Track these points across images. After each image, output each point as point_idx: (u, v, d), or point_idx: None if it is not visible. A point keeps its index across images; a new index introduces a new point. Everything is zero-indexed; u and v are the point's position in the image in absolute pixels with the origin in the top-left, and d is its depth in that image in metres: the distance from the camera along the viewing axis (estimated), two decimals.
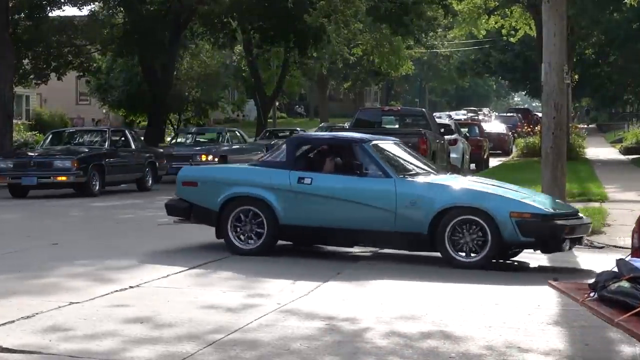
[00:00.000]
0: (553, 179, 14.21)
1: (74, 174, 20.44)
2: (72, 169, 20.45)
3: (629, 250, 11.76)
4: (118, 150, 22.67)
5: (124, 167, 22.61)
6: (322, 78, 67.16)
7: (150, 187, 23.05)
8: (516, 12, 42.31)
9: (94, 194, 20.77)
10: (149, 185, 23.14)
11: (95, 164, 21.17)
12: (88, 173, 20.74)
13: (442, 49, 77.69)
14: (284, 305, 7.80)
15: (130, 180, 23.00)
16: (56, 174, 20.58)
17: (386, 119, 23.05)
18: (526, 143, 38.69)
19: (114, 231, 13.98)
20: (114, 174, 21.99)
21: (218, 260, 10.42)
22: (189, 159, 25.52)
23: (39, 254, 11.02)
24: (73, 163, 20.55)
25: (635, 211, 15.86)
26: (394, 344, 6.49)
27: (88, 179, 20.78)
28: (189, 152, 26.44)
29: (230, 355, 6.11)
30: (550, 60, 14.14)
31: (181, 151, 26.72)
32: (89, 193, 20.68)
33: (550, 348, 6.40)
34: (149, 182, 23.24)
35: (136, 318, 7.22)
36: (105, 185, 21.61)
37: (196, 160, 25.54)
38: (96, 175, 21.15)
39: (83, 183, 20.69)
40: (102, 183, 21.39)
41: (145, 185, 23.01)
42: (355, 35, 45.96)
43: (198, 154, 26.13)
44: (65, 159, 20.84)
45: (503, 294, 8.52)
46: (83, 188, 20.81)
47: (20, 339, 6.49)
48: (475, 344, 6.46)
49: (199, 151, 26.53)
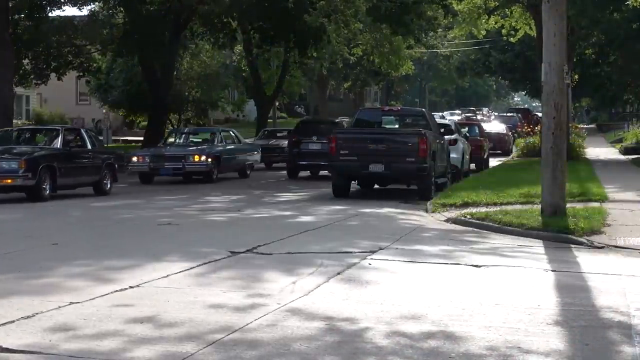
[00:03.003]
0: (553, 178, 14.23)
1: (22, 176, 18.52)
2: (19, 171, 18.55)
3: (629, 250, 11.82)
4: (72, 150, 20.88)
5: (79, 170, 20.83)
6: (322, 78, 67.18)
7: (109, 190, 21.64)
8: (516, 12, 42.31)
9: (44, 199, 19.03)
10: (108, 189, 21.64)
11: (45, 165, 19.22)
12: (38, 175, 18.80)
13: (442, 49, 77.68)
14: (284, 305, 7.80)
15: (87, 184, 21.33)
16: (1, 176, 18.61)
17: (386, 119, 23.05)
18: (526, 143, 38.75)
19: (113, 231, 13.98)
20: (67, 177, 20.13)
21: (218, 260, 10.43)
22: (182, 160, 25.45)
23: (39, 254, 11.01)
24: (20, 164, 18.66)
25: (635, 211, 15.92)
26: (394, 344, 6.49)
27: (38, 182, 18.85)
28: (182, 153, 26.07)
29: (230, 355, 6.11)
30: (550, 60, 14.15)
31: (173, 152, 26.34)
32: (38, 197, 18.81)
33: (550, 348, 6.40)
34: (107, 185, 21.69)
35: (136, 318, 7.22)
36: (57, 189, 19.74)
37: (189, 161, 25.42)
38: (47, 178, 19.25)
39: (32, 186, 18.74)
40: (53, 186, 19.52)
41: (103, 188, 21.42)
42: (355, 35, 45.96)
43: (191, 155, 25.78)
44: (12, 159, 18.89)
45: (503, 294, 8.53)
46: (32, 192, 18.87)
47: (21, 339, 6.49)
48: (475, 344, 6.46)
49: (191, 152, 26.14)
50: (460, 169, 26.33)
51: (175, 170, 25.61)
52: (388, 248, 11.77)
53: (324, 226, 14.60)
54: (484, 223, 14.62)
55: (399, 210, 17.59)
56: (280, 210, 17.52)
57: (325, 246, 11.80)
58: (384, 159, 20.10)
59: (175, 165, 25.47)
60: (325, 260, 10.47)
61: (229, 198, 20.79)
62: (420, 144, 20.03)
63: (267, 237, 12.51)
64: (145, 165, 25.62)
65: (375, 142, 20.42)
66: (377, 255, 11.10)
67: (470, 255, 11.26)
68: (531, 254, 11.64)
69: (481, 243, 12.67)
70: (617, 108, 73.14)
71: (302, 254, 11.11)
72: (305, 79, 63.32)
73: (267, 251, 11.25)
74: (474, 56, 68.47)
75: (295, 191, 23.45)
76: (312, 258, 10.66)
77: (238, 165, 28.58)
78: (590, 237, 12.83)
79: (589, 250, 12.01)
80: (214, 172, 25.89)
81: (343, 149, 20.43)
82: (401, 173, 20.57)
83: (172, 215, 16.33)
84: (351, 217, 16.20)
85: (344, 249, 11.57)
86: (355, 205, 18.31)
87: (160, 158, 25.75)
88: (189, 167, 25.58)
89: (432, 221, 15.85)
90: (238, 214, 16.80)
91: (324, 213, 16.96)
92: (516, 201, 17.32)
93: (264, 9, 34.94)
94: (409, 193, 20.95)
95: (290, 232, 13.40)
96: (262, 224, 15.08)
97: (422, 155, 19.97)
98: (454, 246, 12.19)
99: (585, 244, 12.45)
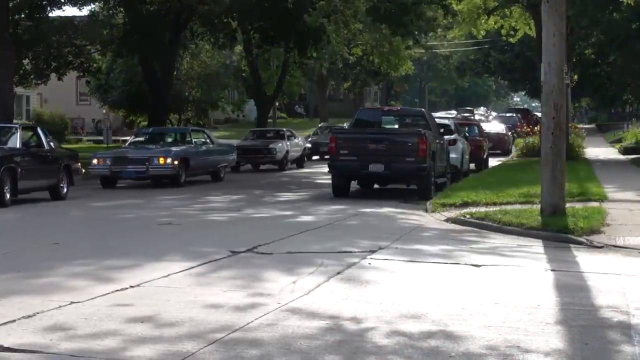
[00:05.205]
0: (552, 178, 14.23)
1: None
2: None
3: (628, 249, 11.82)
4: (31, 150, 19.05)
5: (39, 172, 18.90)
6: (322, 78, 67.24)
7: (66, 195, 19.92)
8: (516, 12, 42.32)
9: (5, 204, 17.20)
10: (64, 193, 19.86)
11: (7, 167, 17.51)
12: None
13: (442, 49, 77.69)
14: (285, 304, 7.80)
15: (43, 188, 19.43)
16: None
17: (386, 119, 23.08)
18: (525, 143, 38.77)
19: (114, 231, 13.98)
20: (27, 180, 18.28)
21: (218, 260, 10.43)
22: (145, 162, 23.70)
23: (39, 253, 11.01)
24: None
25: (635, 211, 15.93)
26: (394, 343, 6.50)
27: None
28: (146, 155, 24.07)
29: (231, 355, 6.11)
30: (549, 60, 14.15)
31: (136, 154, 24.37)
32: None
33: (550, 348, 6.41)
34: (64, 189, 19.88)
35: (137, 317, 7.22)
36: (18, 193, 18.09)
37: (153, 164, 23.68)
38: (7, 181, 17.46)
39: None
40: (14, 191, 17.74)
41: (59, 192, 19.63)
42: (355, 35, 46.01)
43: (155, 157, 23.92)
44: None
45: (503, 294, 8.53)
46: None
47: (22, 338, 6.49)
48: (475, 344, 6.47)
49: (156, 153, 24.18)
50: (459, 169, 26.34)
51: (138, 174, 23.89)
52: (388, 247, 11.78)
53: (324, 226, 14.61)
54: (484, 223, 14.63)
55: (399, 210, 17.60)
56: (281, 210, 17.53)
57: (325, 246, 11.81)
58: (383, 158, 20.12)
59: (138, 169, 23.72)
60: (326, 259, 10.47)
61: (229, 198, 20.80)
62: (420, 144, 20.04)
63: (267, 237, 12.51)
64: (106, 168, 23.77)
65: (375, 142, 20.43)
66: (377, 254, 11.10)
67: (469, 254, 11.27)
68: (531, 253, 11.65)
69: (481, 243, 12.68)
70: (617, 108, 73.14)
71: (303, 253, 11.11)
72: (305, 79, 63.41)
73: (268, 251, 11.25)
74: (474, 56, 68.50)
75: (296, 191, 23.47)
76: (312, 258, 10.66)
77: (210, 167, 26.74)
78: (589, 236, 12.83)
79: (589, 250, 12.01)
80: (182, 175, 24.15)
81: (343, 149, 20.46)
82: (401, 173, 20.59)
83: (173, 215, 16.34)
84: (351, 216, 16.21)
85: (344, 248, 11.58)
86: (355, 205, 18.32)
87: (122, 160, 23.89)
88: (153, 171, 23.75)
89: (432, 221, 15.85)
90: (238, 214, 16.81)
91: (324, 213, 16.97)
92: (516, 201, 17.33)
93: (264, 9, 34.96)
94: (409, 193, 20.96)
95: (290, 232, 13.41)
96: (262, 223, 15.09)
97: (421, 155, 19.99)
98: (453, 246, 12.19)
99: (585, 243, 12.45)
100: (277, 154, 33.52)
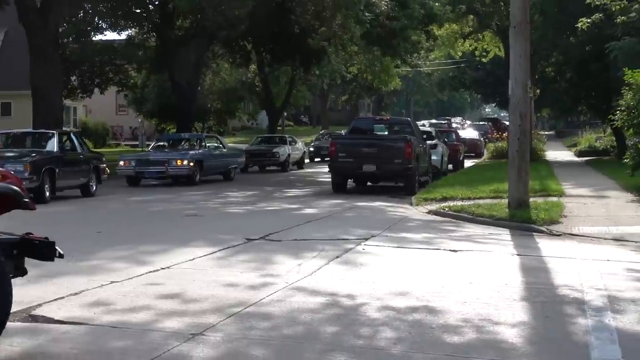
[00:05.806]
0: (518, 177, 14.22)
1: (28, 178, 16.45)
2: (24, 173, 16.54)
3: (582, 237, 11.80)
4: (66, 153, 19.20)
5: (73, 172, 18.95)
6: (323, 92, 67.21)
7: (95, 192, 19.77)
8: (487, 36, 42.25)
9: (45, 201, 17.04)
10: (94, 191, 19.75)
11: (47, 168, 17.59)
12: (41, 178, 17.23)
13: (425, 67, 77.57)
14: (292, 283, 7.79)
15: (76, 186, 19.38)
16: None
17: (377, 127, 23.09)
18: (495, 147, 38.72)
19: (147, 221, 13.97)
20: (63, 179, 18.34)
21: (235, 246, 10.43)
22: (165, 164, 23.75)
23: (85, 240, 11.01)
24: (26, 167, 16.97)
25: (588, 204, 15.90)
26: (384, 316, 6.49)
27: (40, 183, 17.17)
28: (165, 157, 24.14)
29: (246, 326, 6.11)
30: (516, 77, 14.14)
31: (157, 156, 24.40)
32: (40, 199, 16.47)
33: (516, 320, 6.40)
34: (94, 187, 19.81)
35: (167, 294, 7.21)
36: (55, 190, 18.06)
37: (172, 165, 23.75)
38: (47, 181, 17.55)
39: (34, 188, 16.46)
40: (52, 189, 17.81)
41: (89, 190, 19.56)
42: (351, 56, 46.01)
43: (173, 159, 24.03)
44: (17, 162, 17.05)
45: (476, 274, 8.52)
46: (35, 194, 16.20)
47: (70, 312, 6.49)
48: (453, 317, 6.46)
49: (174, 156, 24.34)
50: (439, 169, 26.33)
51: (159, 174, 23.85)
52: (379, 235, 11.76)
53: (324, 217, 14.60)
54: (460, 214, 14.61)
55: (388, 204, 17.58)
56: (288, 204, 17.51)
57: (326, 234, 11.79)
58: (375, 160, 20.15)
59: (158, 169, 23.73)
60: (326, 246, 10.46)
61: (245, 194, 20.77)
62: (406, 148, 20.09)
63: (277, 226, 12.50)
64: (131, 169, 23.80)
65: (368, 146, 20.46)
66: (370, 241, 11.09)
67: (448, 241, 11.25)
68: (499, 240, 11.63)
69: (457, 231, 12.66)
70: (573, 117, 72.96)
71: (307, 240, 11.09)
72: (309, 92, 63.25)
73: (277, 238, 11.24)
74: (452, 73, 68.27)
75: (301, 187, 23.47)
76: (315, 244, 10.65)
77: (221, 168, 26.45)
78: (549, 226, 12.81)
79: (549, 238, 12.00)
80: (196, 175, 24.02)
81: (341, 152, 20.52)
82: (390, 172, 20.60)
83: (197, 207, 16.32)
84: (348, 209, 16.19)
85: (342, 236, 11.57)
86: (351, 200, 18.31)
87: (145, 162, 23.98)
88: (172, 171, 23.78)
89: (416, 213, 15.84)
90: (253, 207, 16.79)
91: (325, 206, 16.95)
92: (487, 196, 17.31)
93: (274, 34, 35.05)
94: (397, 189, 20.96)
95: (296, 222, 13.39)
96: (273, 215, 15.07)
97: (407, 157, 20.04)
98: (434, 234, 12.18)
99: (545, 232, 12.44)
100: (280, 157, 33.42)
